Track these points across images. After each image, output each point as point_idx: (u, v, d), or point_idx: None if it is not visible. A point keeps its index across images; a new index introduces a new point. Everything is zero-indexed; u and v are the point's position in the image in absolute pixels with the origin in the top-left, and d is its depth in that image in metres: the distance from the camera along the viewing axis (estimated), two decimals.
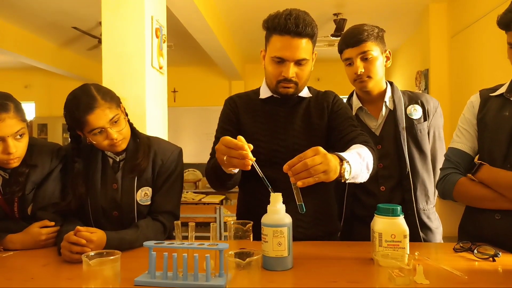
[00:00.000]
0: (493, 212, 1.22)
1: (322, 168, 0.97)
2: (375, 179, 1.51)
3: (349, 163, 1.06)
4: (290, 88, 1.33)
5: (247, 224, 1.09)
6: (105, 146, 1.29)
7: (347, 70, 1.57)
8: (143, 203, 1.35)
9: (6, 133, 1.20)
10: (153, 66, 2.72)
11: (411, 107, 1.56)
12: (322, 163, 0.97)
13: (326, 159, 0.98)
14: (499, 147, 1.24)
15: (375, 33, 1.51)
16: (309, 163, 0.96)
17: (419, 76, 5.12)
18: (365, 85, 1.54)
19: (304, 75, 1.33)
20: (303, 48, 1.27)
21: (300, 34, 1.25)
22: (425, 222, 1.55)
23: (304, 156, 0.98)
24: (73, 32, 5.65)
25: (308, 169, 0.96)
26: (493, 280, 0.96)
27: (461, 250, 1.17)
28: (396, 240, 1.03)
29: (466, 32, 4.12)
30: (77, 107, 1.23)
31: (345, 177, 1.06)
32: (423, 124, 1.55)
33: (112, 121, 1.26)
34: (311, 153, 0.98)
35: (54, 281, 0.99)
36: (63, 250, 1.11)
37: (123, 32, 2.65)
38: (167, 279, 0.93)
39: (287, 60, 1.28)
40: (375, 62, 1.51)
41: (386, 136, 1.55)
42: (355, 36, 1.50)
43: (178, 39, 5.71)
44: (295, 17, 1.25)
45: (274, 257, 1.01)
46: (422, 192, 1.55)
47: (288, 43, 1.26)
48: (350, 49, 1.51)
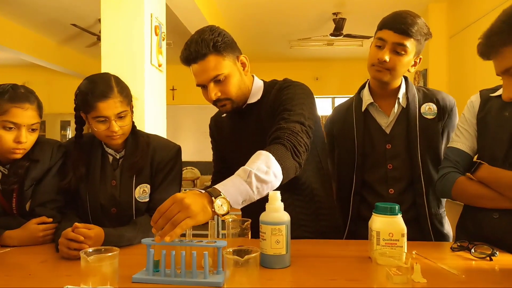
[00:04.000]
0: (492, 211, 1.23)
1: (183, 216, 0.90)
2: (384, 180, 1.46)
3: (224, 197, 0.96)
4: (226, 106, 1.30)
5: (245, 222, 1.09)
6: (102, 136, 1.30)
7: (373, 50, 1.43)
8: (142, 200, 1.35)
9: (24, 122, 1.25)
10: (152, 64, 2.72)
11: (425, 105, 1.47)
12: (181, 211, 0.91)
13: (183, 205, 0.91)
14: (499, 147, 1.24)
15: (424, 33, 1.38)
16: (168, 215, 0.91)
17: (417, 76, 5.12)
18: (381, 76, 1.42)
19: (230, 89, 1.27)
20: (210, 67, 1.23)
21: (197, 58, 1.22)
22: (438, 228, 1.47)
23: (163, 208, 0.93)
24: (72, 29, 5.64)
25: (169, 221, 0.91)
26: (490, 279, 0.97)
27: (458, 249, 1.17)
28: (394, 238, 1.03)
29: (465, 33, 4.13)
30: (92, 91, 1.25)
31: (220, 213, 0.95)
32: (438, 124, 1.45)
33: (119, 115, 1.28)
34: (168, 204, 0.93)
35: (52, 278, 0.99)
36: (61, 246, 1.11)
37: (123, 30, 2.65)
38: (165, 276, 0.93)
39: (205, 85, 1.27)
40: (404, 60, 1.39)
41: (397, 135, 1.46)
42: (404, 23, 1.35)
43: (177, 37, 5.70)
44: (189, 44, 1.23)
45: (272, 255, 1.01)
46: (435, 196, 1.46)
47: (196, 70, 1.25)
48: (391, 32, 1.36)
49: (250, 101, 1.35)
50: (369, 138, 1.49)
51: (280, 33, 6.16)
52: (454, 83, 4.53)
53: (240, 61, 1.31)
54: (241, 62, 1.32)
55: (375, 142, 1.49)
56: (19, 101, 1.25)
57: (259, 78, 1.43)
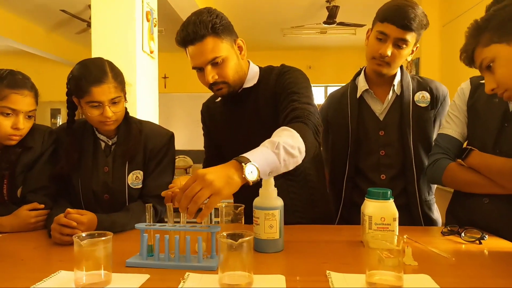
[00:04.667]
0: (481, 196, 1.24)
1: (206, 193, 0.87)
2: (376, 167, 1.48)
3: (253, 163, 0.93)
4: (223, 89, 1.28)
5: (239, 207, 1.09)
6: (95, 122, 1.28)
7: (373, 42, 1.42)
8: (134, 186, 1.34)
9: (23, 108, 1.25)
10: (143, 51, 2.68)
11: (419, 93, 1.48)
12: (204, 188, 0.87)
13: (205, 181, 0.87)
14: (489, 133, 1.25)
15: (423, 24, 1.38)
16: (189, 194, 0.88)
17: (409, 65, 5.13)
18: (380, 69, 1.44)
19: (228, 72, 1.25)
20: (208, 49, 1.21)
21: (195, 39, 1.20)
22: (428, 214, 1.49)
23: (185, 186, 0.89)
24: (61, 16, 5.53)
25: (192, 200, 0.87)
26: (479, 262, 0.99)
27: (448, 234, 1.19)
28: (386, 223, 1.05)
29: (458, 21, 4.13)
30: (86, 75, 1.24)
31: (251, 180, 0.92)
32: (430, 112, 1.48)
33: (113, 100, 1.27)
34: (190, 181, 0.89)
35: (45, 263, 0.99)
36: (53, 232, 1.11)
37: (113, 15, 2.61)
38: (159, 261, 0.94)
39: (202, 67, 1.25)
40: (404, 53, 1.41)
41: (390, 122, 1.48)
42: (407, 18, 1.33)
43: (169, 24, 5.62)
44: (186, 26, 1.21)
45: (266, 239, 1.02)
46: (425, 183, 1.49)
47: (193, 52, 1.23)
48: (394, 27, 1.35)
49: (246, 85, 1.34)
50: (363, 124, 1.51)
51: (273, 21, 6.11)
52: (446, 71, 4.55)
53: (237, 44, 1.30)
54: (238, 45, 1.31)
55: (368, 129, 1.50)
56: (18, 88, 1.24)
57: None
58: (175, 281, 0.83)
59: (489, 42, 1.01)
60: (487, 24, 1.03)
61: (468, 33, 1.08)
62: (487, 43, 1.02)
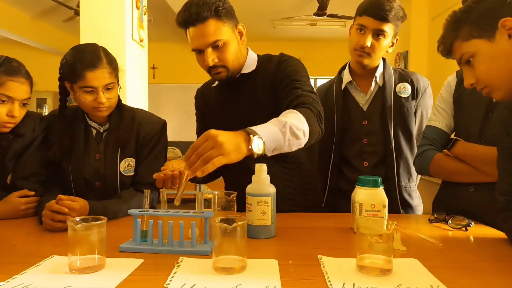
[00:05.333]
0: (467, 185, 1.28)
1: (216, 153, 0.88)
2: (359, 154, 1.54)
3: (260, 137, 0.95)
4: (221, 73, 1.29)
5: (231, 195, 1.10)
6: (88, 107, 1.27)
7: (354, 34, 1.51)
8: (127, 174, 1.34)
9: (19, 96, 1.24)
10: (133, 39, 2.66)
11: (400, 85, 1.56)
12: (215, 148, 0.89)
13: (217, 142, 0.89)
14: (474, 123, 1.29)
15: (400, 16, 1.47)
16: (201, 152, 0.89)
17: (398, 58, 5.18)
18: (362, 60, 1.51)
19: (228, 56, 1.26)
20: (210, 31, 1.22)
21: (197, 20, 1.20)
22: (406, 199, 1.57)
23: (197, 145, 0.91)
24: (48, 3, 5.42)
25: (201, 157, 0.89)
26: (465, 247, 1.02)
27: (436, 221, 1.22)
28: (376, 209, 1.07)
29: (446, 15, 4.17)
30: (81, 60, 1.23)
31: (257, 153, 0.94)
32: (411, 102, 1.55)
33: (107, 86, 1.26)
34: (202, 140, 0.90)
35: (38, 249, 0.99)
36: (45, 218, 1.10)
37: (102, 3, 2.57)
38: (152, 246, 0.94)
39: (202, 49, 1.25)
40: (383, 44, 1.48)
41: (373, 112, 1.55)
42: (383, 10, 1.43)
43: (158, 13, 5.57)
44: (189, 6, 1.21)
45: (258, 225, 1.04)
46: (405, 170, 1.56)
47: (194, 33, 1.23)
48: (372, 19, 1.44)
49: (244, 71, 1.35)
50: (347, 114, 1.58)
51: (263, 12, 6.08)
52: (435, 64, 4.60)
53: (238, 29, 1.31)
54: (239, 31, 1.32)
55: (353, 119, 1.57)
56: (15, 75, 1.23)
57: None
58: (169, 265, 0.84)
59: (469, 37, 0.96)
60: (467, 17, 0.97)
61: (446, 25, 1.03)
62: (467, 37, 0.97)
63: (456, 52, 1.01)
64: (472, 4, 0.98)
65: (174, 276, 0.78)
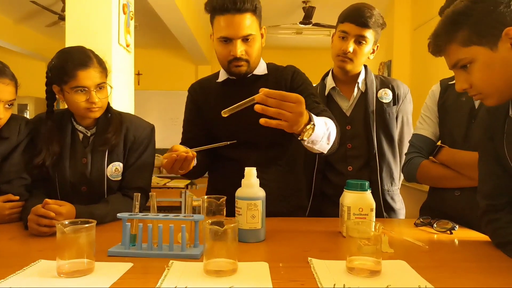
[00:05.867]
0: (453, 189, 1.31)
1: (291, 118, 0.95)
2: (343, 158, 1.57)
3: (313, 127, 1.05)
4: (242, 67, 1.32)
5: (221, 199, 1.10)
6: (80, 108, 1.26)
7: (336, 41, 1.57)
8: (114, 178, 1.32)
9: (4, 97, 1.22)
10: (120, 44, 2.64)
11: (382, 91, 1.61)
12: (293, 113, 0.95)
13: (298, 112, 0.95)
14: (458, 129, 1.33)
15: (380, 23, 1.53)
16: (284, 106, 0.94)
17: (382, 67, 5.27)
18: (344, 65, 1.56)
19: (253, 52, 1.32)
20: (246, 24, 1.26)
21: (239, 10, 1.25)
22: (389, 203, 1.61)
23: (287, 96, 0.94)
24: (31, 7, 5.34)
25: (279, 109, 0.94)
26: (450, 249, 1.04)
27: (421, 225, 1.24)
28: (363, 213, 1.09)
29: (429, 25, 4.28)
30: (71, 60, 1.23)
31: (303, 138, 1.05)
32: (392, 108, 1.60)
33: (99, 86, 1.26)
34: (293, 99, 0.94)
35: (24, 253, 0.97)
36: (30, 223, 1.08)
37: (89, 7, 2.55)
38: (142, 250, 0.93)
39: (233, 39, 1.28)
40: (365, 49, 1.54)
41: (356, 117, 1.59)
42: (364, 17, 1.49)
43: (144, 19, 5.55)
44: None
45: (248, 229, 1.04)
46: (388, 174, 1.60)
47: (230, 21, 1.26)
48: (353, 25, 1.50)
49: (256, 72, 1.39)
50: None
51: None
52: (417, 73, 4.70)
53: (262, 30, 1.36)
54: (261, 32, 1.36)
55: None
56: (1, 76, 1.21)
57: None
58: (159, 269, 0.83)
59: (468, 42, 0.90)
60: (465, 20, 0.90)
61: (442, 25, 0.95)
62: (466, 42, 0.90)
63: (451, 55, 0.95)
64: (471, 4, 0.90)
65: (165, 279, 0.78)
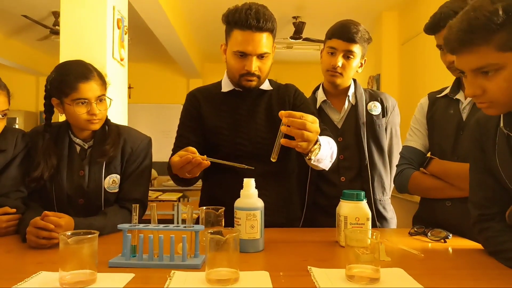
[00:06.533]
0: (444, 200, 1.34)
1: (311, 138, 1.05)
2: (336, 169, 1.60)
3: (320, 147, 1.14)
4: (253, 82, 1.37)
5: (219, 209, 1.11)
6: (81, 120, 1.27)
7: (326, 57, 1.62)
8: (111, 190, 1.33)
9: None
10: (114, 58, 2.66)
11: (371, 103, 1.66)
12: (313, 133, 1.05)
13: (316, 131, 1.06)
14: (447, 141, 1.37)
15: (366, 38, 1.60)
16: (307, 126, 1.03)
17: (371, 81, 5.37)
18: (334, 80, 1.61)
19: (266, 69, 1.37)
20: (264, 42, 1.31)
21: (261, 29, 1.29)
22: (381, 212, 1.65)
23: (306, 117, 1.04)
24: (22, 21, 5.34)
25: (302, 130, 1.03)
26: (445, 258, 1.07)
27: (415, 234, 1.27)
28: (360, 222, 1.11)
29: (415, 40, 4.39)
30: (72, 73, 1.25)
31: (310, 156, 1.14)
32: (382, 120, 1.65)
33: (99, 98, 1.28)
34: (312, 120, 1.05)
35: (23, 265, 0.97)
36: (29, 235, 1.08)
37: (83, 22, 2.58)
38: (142, 260, 0.94)
39: (249, 54, 1.32)
40: (353, 64, 1.60)
41: (347, 129, 1.64)
42: (350, 33, 1.55)
43: (136, 34, 5.58)
44: (256, 12, 1.29)
45: (247, 239, 1.05)
46: (379, 184, 1.64)
47: (250, 38, 1.30)
48: (341, 41, 1.56)
49: (262, 87, 1.45)
50: None
51: None
52: (405, 87, 4.80)
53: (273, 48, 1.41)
54: (274, 47, 1.41)
55: None
56: None
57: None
58: (162, 279, 0.84)
59: (506, 48, 0.80)
60: (506, 22, 0.79)
61: (474, 21, 0.81)
62: (503, 47, 0.80)
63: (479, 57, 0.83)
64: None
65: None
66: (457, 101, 1.38)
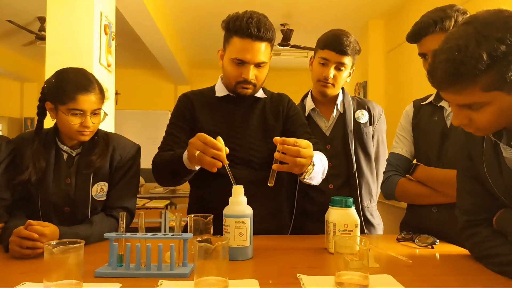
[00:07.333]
0: (431, 206, 1.36)
1: (304, 163, 1.08)
2: (325, 177, 1.61)
3: (313, 166, 1.17)
4: (249, 89, 1.38)
5: (208, 217, 1.10)
6: (72, 130, 1.25)
7: (317, 67, 1.63)
8: (99, 198, 1.31)
9: None
10: (101, 64, 2.64)
11: (359, 111, 1.68)
12: (306, 159, 1.07)
13: (309, 156, 1.09)
14: (432, 148, 1.38)
15: (357, 50, 1.62)
16: (301, 153, 1.06)
17: (358, 88, 5.43)
18: (325, 90, 1.63)
19: (262, 77, 1.39)
20: (263, 51, 1.33)
21: (261, 38, 1.31)
22: (369, 219, 1.67)
23: (299, 143, 1.05)
24: (7, 26, 5.26)
25: (296, 157, 1.05)
26: (432, 263, 1.08)
27: (403, 240, 1.28)
28: (349, 229, 1.11)
29: (401, 49, 4.47)
30: (73, 82, 1.24)
31: (304, 176, 1.17)
32: (369, 128, 1.67)
33: (95, 111, 1.27)
34: (305, 145, 1.07)
35: (5, 276, 0.94)
36: (12, 245, 1.05)
37: (70, 28, 2.55)
38: (129, 270, 0.92)
39: (247, 63, 1.32)
40: (344, 74, 1.62)
41: (335, 137, 1.65)
42: (343, 45, 1.56)
43: (123, 39, 5.54)
44: (257, 21, 1.30)
45: (236, 247, 1.04)
46: (367, 191, 1.66)
47: (250, 46, 1.30)
48: (333, 53, 1.57)
49: (257, 95, 1.46)
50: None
51: None
52: (391, 94, 4.87)
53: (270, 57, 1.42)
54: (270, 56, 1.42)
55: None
56: None
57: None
58: None
59: (491, 88, 0.81)
60: (491, 65, 0.78)
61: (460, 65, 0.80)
62: (489, 87, 0.81)
63: (466, 97, 0.84)
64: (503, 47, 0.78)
65: None
66: (441, 108, 1.40)
